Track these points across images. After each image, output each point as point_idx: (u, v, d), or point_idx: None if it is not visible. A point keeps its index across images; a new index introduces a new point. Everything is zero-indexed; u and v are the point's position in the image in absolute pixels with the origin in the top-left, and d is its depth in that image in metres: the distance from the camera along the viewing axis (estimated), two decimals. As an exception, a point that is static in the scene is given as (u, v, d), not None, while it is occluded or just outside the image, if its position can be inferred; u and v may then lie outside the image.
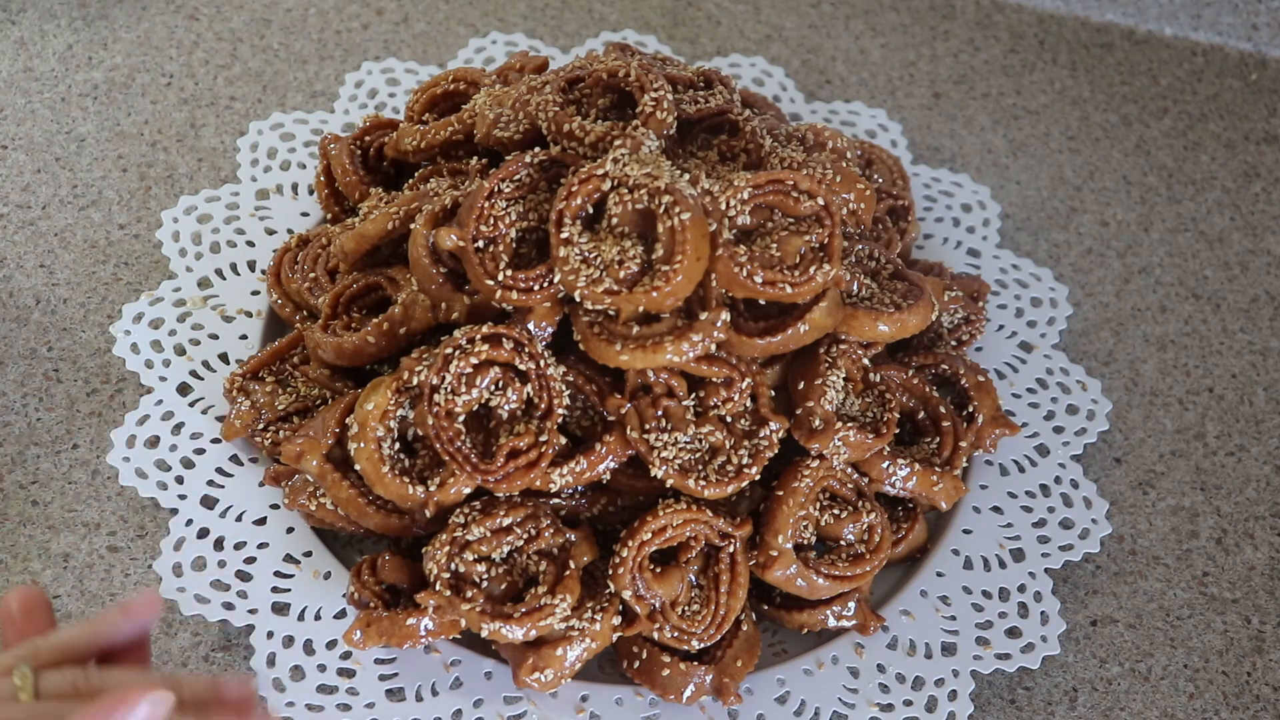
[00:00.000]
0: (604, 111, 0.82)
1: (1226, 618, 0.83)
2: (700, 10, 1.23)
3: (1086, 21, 1.26)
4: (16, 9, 1.13)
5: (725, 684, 0.73)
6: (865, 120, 1.11)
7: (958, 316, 0.91)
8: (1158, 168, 1.13)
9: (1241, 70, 1.22)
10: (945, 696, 0.75)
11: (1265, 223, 1.09)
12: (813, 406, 0.76)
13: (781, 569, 0.74)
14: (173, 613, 0.77)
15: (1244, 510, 0.89)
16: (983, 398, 0.85)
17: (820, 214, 0.74)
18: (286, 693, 0.72)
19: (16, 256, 0.94)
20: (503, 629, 0.70)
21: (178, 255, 0.93)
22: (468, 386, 0.71)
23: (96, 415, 0.86)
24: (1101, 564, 0.85)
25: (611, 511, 0.78)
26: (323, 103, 1.09)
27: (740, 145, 0.83)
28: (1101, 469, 0.90)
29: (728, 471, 0.73)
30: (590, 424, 0.76)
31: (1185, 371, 0.97)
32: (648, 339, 0.71)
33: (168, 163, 1.02)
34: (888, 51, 1.21)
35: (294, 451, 0.75)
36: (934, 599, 0.80)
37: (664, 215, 0.70)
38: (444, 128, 0.87)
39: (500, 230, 0.74)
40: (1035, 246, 1.05)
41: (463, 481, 0.72)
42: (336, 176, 0.92)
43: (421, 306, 0.78)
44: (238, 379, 0.83)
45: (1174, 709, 0.79)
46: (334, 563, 0.78)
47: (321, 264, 0.87)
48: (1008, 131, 1.15)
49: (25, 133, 1.03)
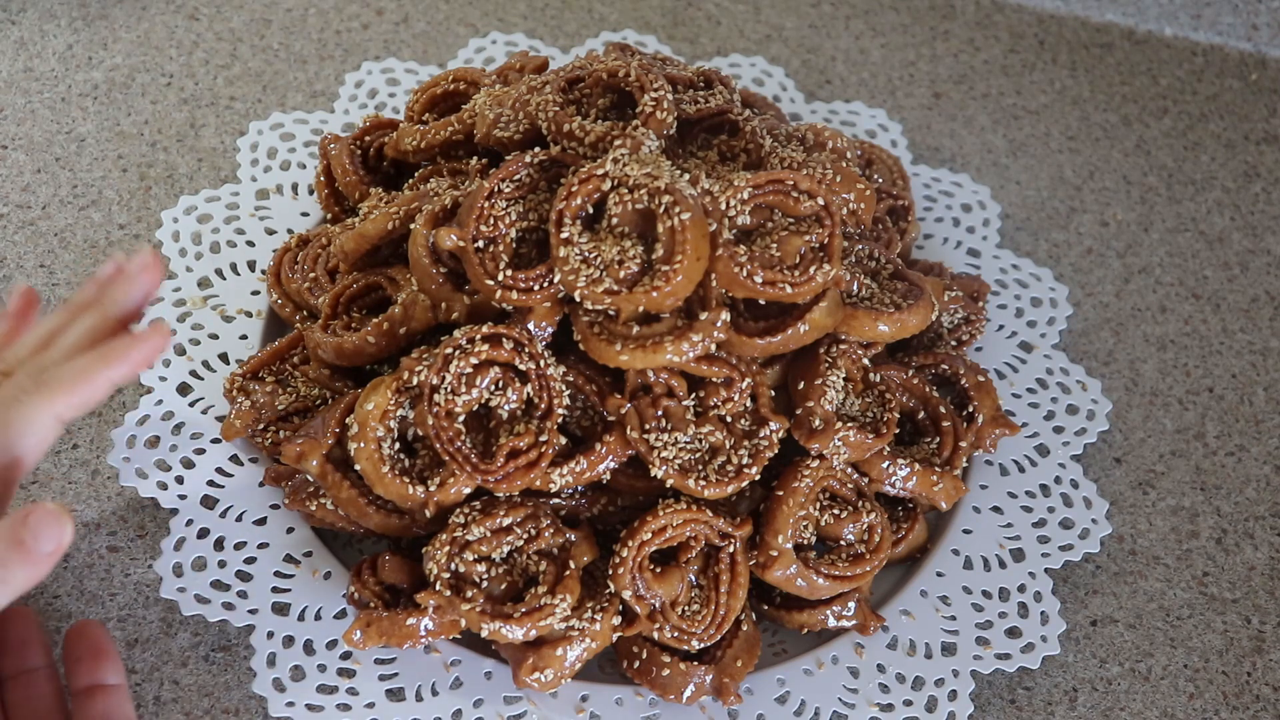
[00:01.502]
0: (604, 111, 0.82)
1: (1226, 618, 0.83)
2: (700, 10, 1.23)
3: (1086, 21, 1.26)
4: (16, 9, 1.13)
5: (725, 684, 0.73)
6: (865, 120, 1.11)
7: (958, 316, 0.91)
8: (1158, 168, 1.13)
9: (1241, 70, 1.22)
10: (945, 696, 0.75)
11: (1265, 223, 1.09)
12: (813, 406, 0.76)
13: (781, 569, 0.74)
14: (173, 612, 0.77)
15: (1244, 510, 0.89)
16: (983, 398, 0.85)
17: (820, 214, 0.74)
18: (286, 693, 0.72)
19: (16, 256, 0.94)
20: (503, 629, 0.70)
21: (178, 255, 0.93)
22: (468, 386, 0.71)
23: (96, 415, 0.86)
24: (1101, 564, 0.85)
25: (611, 511, 0.78)
26: (323, 103, 1.09)
27: (740, 145, 0.83)
28: (1101, 469, 0.90)
29: (728, 471, 0.73)
30: (590, 424, 0.76)
31: (1185, 371, 0.97)
32: (648, 339, 0.71)
33: (168, 163, 1.02)
34: (888, 51, 1.21)
35: (294, 451, 0.75)
36: (934, 599, 0.80)
37: (664, 215, 0.70)
38: (444, 128, 0.87)
39: (500, 230, 0.74)
40: (1035, 246, 1.05)
41: (463, 481, 0.72)
42: (336, 176, 0.92)
43: (421, 306, 0.78)
44: (238, 379, 0.83)
45: (1174, 709, 0.79)
46: (334, 563, 0.78)
47: (321, 264, 0.87)
48: (1008, 131, 1.15)
49: (25, 133, 1.03)
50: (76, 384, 0.61)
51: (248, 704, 0.73)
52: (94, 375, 0.61)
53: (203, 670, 0.74)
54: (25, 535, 0.55)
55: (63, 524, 0.56)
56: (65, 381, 0.60)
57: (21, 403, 0.59)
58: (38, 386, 0.60)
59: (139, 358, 0.63)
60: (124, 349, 0.63)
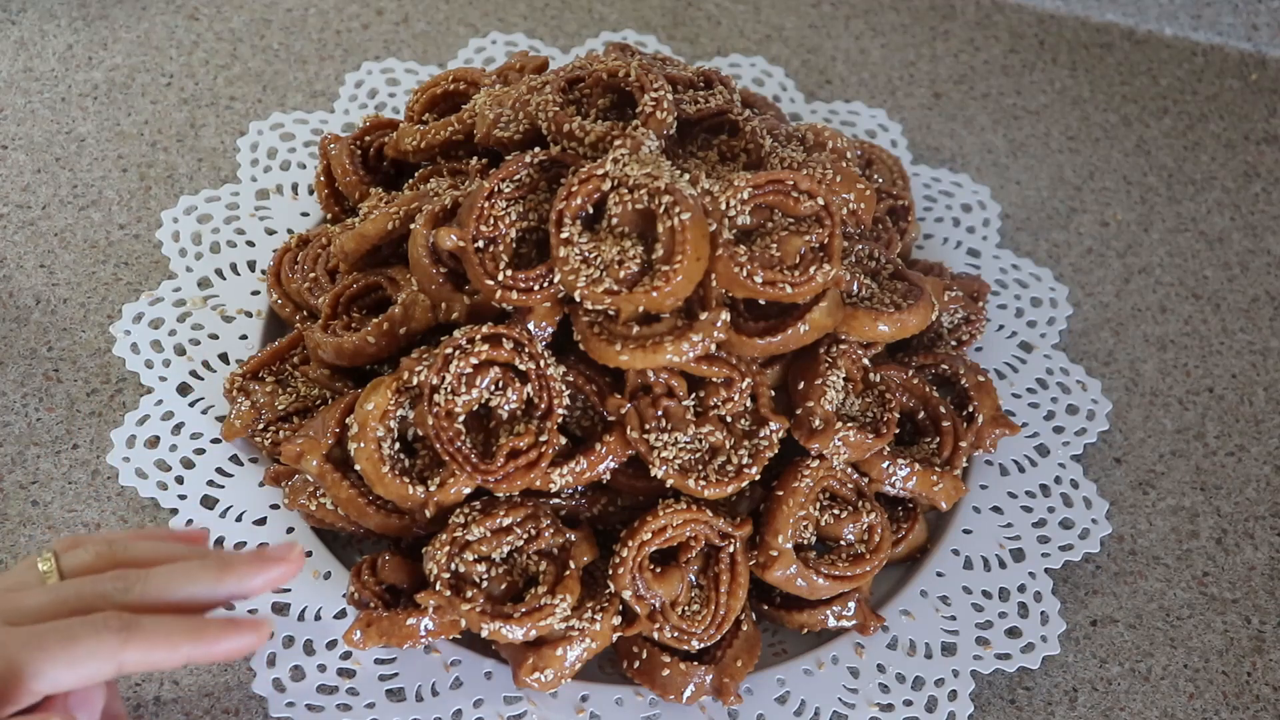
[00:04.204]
0: (604, 111, 0.82)
1: (1226, 618, 0.83)
2: (700, 10, 1.23)
3: (1086, 21, 1.26)
4: (16, 9, 1.13)
5: (725, 684, 0.73)
6: (865, 120, 1.11)
7: (958, 316, 0.91)
8: (1158, 168, 1.13)
9: (1241, 70, 1.22)
10: (945, 696, 0.75)
11: (1265, 223, 1.09)
12: (813, 406, 0.76)
13: (781, 569, 0.74)
14: (173, 613, 0.77)
15: (1244, 510, 0.89)
16: (983, 398, 0.85)
17: (820, 214, 0.74)
18: (286, 693, 0.72)
19: (16, 256, 0.94)
20: (503, 629, 0.70)
21: (178, 255, 0.93)
22: (468, 386, 0.71)
23: (96, 415, 0.86)
24: (1101, 564, 0.85)
25: (611, 511, 0.78)
26: (323, 103, 1.09)
27: (740, 145, 0.83)
28: (1101, 469, 0.90)
29: (728, 471, 0.73)
30: (590, 424, 0.76)
31: (1185, 371, 0.97)
32: (648, 339, 0.71)
33: (168, 163, 1.02)
34: (888, 51, 1.21)
35: (294, 451, 0.75)
36: (934, 599, 0.80)
37: (664, 215, 0.70)
38: (444, 128, 0.87)
39: (500, 230, 0.74)
40: (1035, 246, 1.05)
41: (463, 481, 0.72)
42: (336, 176, 0.92)
43: (421, 306, 0.78)
44: (238, 379, 0.83)
45: (1174, 709, 0.79)
46: (334, 563, 0.78)
47: (321, 264, 0.87)
48: (1008, 131, 1.15)
49: (25, 133, 1.03)
50: (156, 647, 0.58)
51: (248, 704, 0.73)
52: (176, 646, 0.59)
53: (203, 670, 0.74)
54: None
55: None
56: (147, 640, 0.58)
57: (99, 637, 0.57)
58: (120, 631, 0.57)
59: (228, 649, 0.60)
60: (216, 634, 0.60)
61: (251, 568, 0.62)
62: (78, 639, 0.56)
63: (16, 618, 0.58)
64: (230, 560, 0.63)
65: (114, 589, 0.60)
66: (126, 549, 0.62)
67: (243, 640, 0.61)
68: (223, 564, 0.62)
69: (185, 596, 0.61)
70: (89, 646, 0.56)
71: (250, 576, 0.62)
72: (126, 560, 0.62)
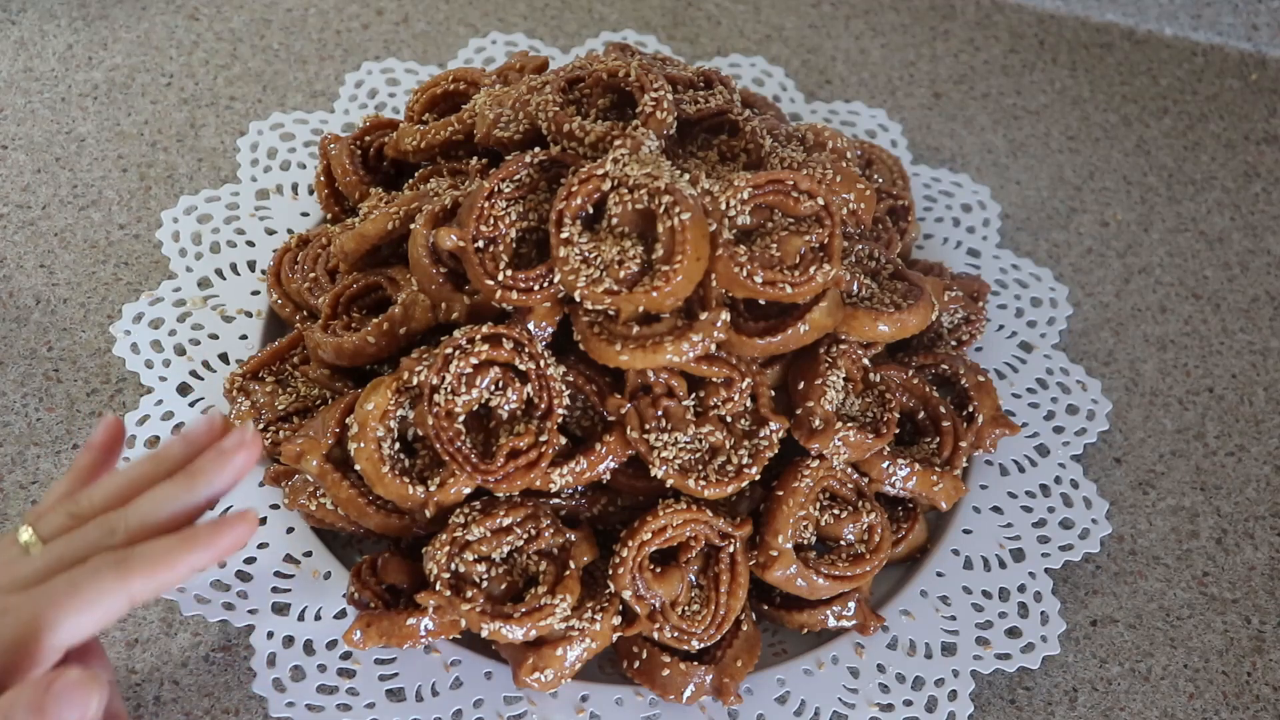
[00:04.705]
0: (604, 111, 0.82)
1: (1226, 618, 0.83)
2: (700, 10, 1.23)
3: (1086, 21, 1.26)
4: (16, 9, 1.13)
5: (725, 684, 0.73)
6: (865, 120, 1.11)
7: (958, 316, 0.91)
8: (1158, 168, 1.13)
9: (1241, 70, 1.22)
10: (945, 696, 0.75)
11: (1265, 223, 1.09)
12: (813, 406, 0.76)
13: (781, 569, 0.74)
14: (173, 613, 0.77)
15: (1244, 510, 0.89)
16: (983, 398, 0.85)
17: (820, 214, 0.74)
18: (286, 693, 0.72)
19: (16, 256, 0.94)
20: (503, 629, 0.70)
21: (178, 255, 0.93)
22: (468, 386, 0.71)
23: (96, 415, 0.86)
24: (1101, 564, 0.85)
25: (611, 511, 0.78)
26: (323, 103, 1.09)
27: (740, 145, 0.83)
28: (1101, 469, 0.90)
29: (728, 471, 0.73)
30: (590, 424, 0.76)
31: (1185, 371, 0.97)
32: (648, 339, 0.71)
33: (168, 163, 1.02)
34: (888, 51, 1.21)
35: (294, 451, 0.75)
36: (934, 599, 0.80)
37: (664, 215, 0.70)
38: (444, 128, 0.87)
39: (500, 230, 0.74)
40: (1035, 246, 1.05)
41: (463, 481, 0.72)
42: (336, 176, 0.92)
43: (421, 306, 0.78)
44: (238, 379, 0.83)
45: (1174, 709, 0.79)
46: (334, 563, 0.78)
47: (321, 264, 0.87)
48: (1008, 131, 1.15)
49: (25, 133, 1.03)
50: (157, 568, 0.59)
51: (248, 704, 0.73)
52: (176, 561, 0.60)
53: (203, 670, 0.74)
54: (49, 705, 0.53)
55: (89, 695, 0.54)
56: (146, 565, 0.59)
57: (100, 576, 0.58)
58: (117, 565, 0.58)
59: (224, 546, 0.61)
60: (209, 536, 0.61)
61: (216, 465, 0.64)
62: (82, 584, 0.58)
63: (18, 586, 0.59)
64: (194, 469, 0.64)
65: (101, 535, 0.61)
66: (91, 501, 0.64)
67: (234, 534, 0.62)
68: (189, 474, 0.64)
69: (168, 515, 0.63)
70: (95, 587, 0.58)
71: (218, 473, 0.64)
72: (98, 509, 0.63)
